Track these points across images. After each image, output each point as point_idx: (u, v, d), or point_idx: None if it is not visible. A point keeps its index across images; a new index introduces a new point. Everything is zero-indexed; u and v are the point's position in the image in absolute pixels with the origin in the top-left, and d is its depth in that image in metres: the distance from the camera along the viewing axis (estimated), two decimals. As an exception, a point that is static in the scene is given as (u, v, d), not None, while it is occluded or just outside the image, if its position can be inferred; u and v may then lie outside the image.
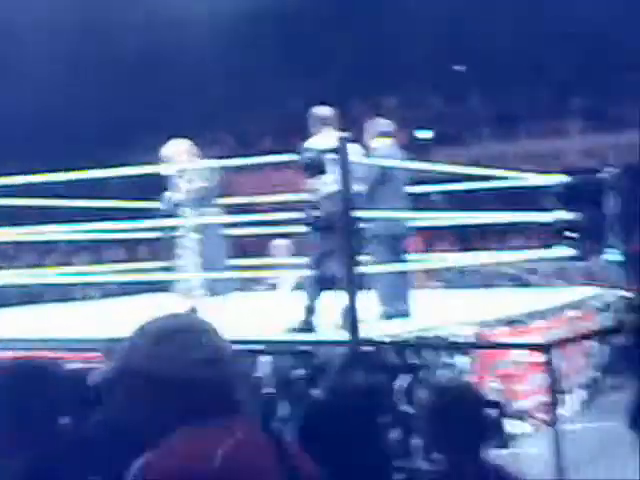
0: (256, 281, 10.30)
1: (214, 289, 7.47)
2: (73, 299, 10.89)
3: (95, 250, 14.96)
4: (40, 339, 6.02)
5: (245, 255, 9.08)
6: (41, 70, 17.34)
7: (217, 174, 7.67)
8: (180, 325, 1.99)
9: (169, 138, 7.77)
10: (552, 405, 4.73)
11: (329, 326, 6.26)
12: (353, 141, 6.28)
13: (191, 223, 7.40)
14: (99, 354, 5.03)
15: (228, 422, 1.88)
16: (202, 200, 7.47)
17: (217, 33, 17.62)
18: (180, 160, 7.59)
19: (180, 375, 1.88)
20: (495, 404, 3.14)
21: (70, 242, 13.38)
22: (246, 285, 9.60)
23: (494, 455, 3.13)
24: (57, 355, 5.08)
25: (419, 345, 5.94)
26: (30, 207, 8.39)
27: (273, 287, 10.35)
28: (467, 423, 3.01)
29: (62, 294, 11.36)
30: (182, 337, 1.94)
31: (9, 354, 4.89)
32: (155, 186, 8.08)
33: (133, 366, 1.91)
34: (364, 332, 5.63)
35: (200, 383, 1.89)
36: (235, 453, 1.81)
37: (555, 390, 4.75)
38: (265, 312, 7.77)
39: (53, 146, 17.75)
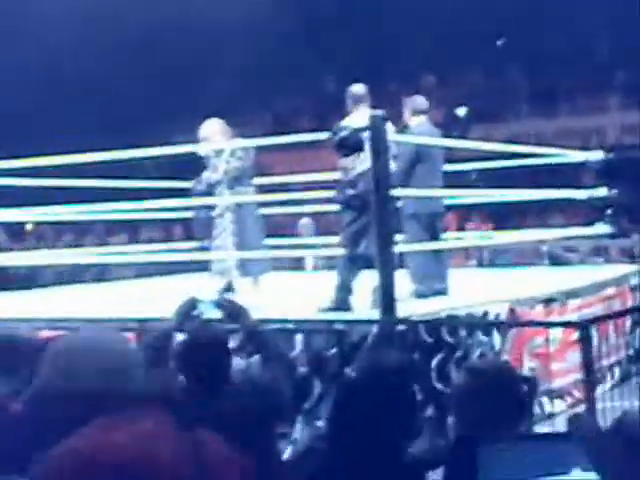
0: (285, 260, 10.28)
1: (250, 269, 7.50)
2: (109, 279, 10.98)
3: (132, 230, 15.06)
4: (74, 319, 6.08)
5: (281, 235, 9.09)
6: (81, 46, 17.46)
7: (252, 153, 7.67)
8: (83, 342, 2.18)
9: (206, 118, 7.79)
10: (588, 383, 4.69)
11: (364, 305, 6.25)
12: (387, 119, 6.24)
13: (227, 203, 7.42)
14: (134, 333, 5.07)
15: (136, 413, 1.98)
16: (238, 180, 7.48)
17: (253, 13, 17.58)
18: (216, 140, 7.61)
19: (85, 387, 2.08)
20: (529, 382, 3.10)
21: (107, 222, 13.49)
22: (281, 264, 9.60)
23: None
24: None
25: (454, 323, 5.92)
26: (66, 188, 8.44)
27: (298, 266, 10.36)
28: (500, 401, 2.99)
29: (99, 274, 11.48)
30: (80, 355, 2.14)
31: (45, 333, 4.95)
32: (192, 166, 8.11)
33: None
34: (399, 311, 5.62)
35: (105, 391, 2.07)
36: (139, 442, 1.89)
37: (591, 368, 4.71)
38: (299, 291, 7.78)
39: (88, 125, 17.86)
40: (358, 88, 6.77)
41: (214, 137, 7.62)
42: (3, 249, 12.62)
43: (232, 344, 4.17)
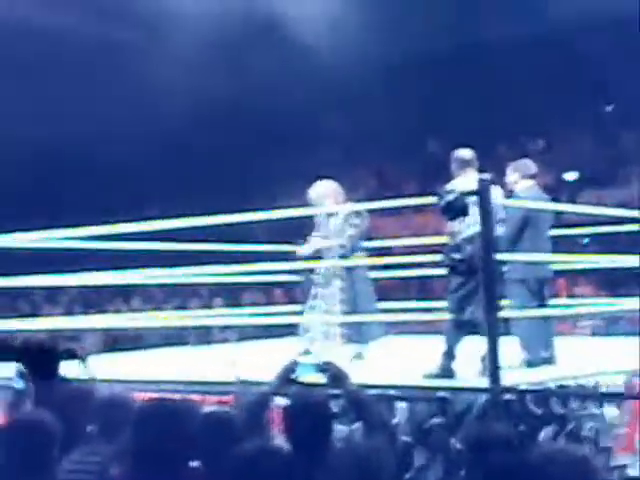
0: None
1: (363, 335, 7.44)
2: (211, 342, 11.04)
3: (234, 293, 15.16)
4: (174, 381, 6.09)
5: (388, 299, 8.99)
6: (182, 117, 17.93)
7: (365, 217, 7.65)
8: None
9: (311, 181, 7.81)
10: None
11: (469, 372, 6.09)
12: (494, 183, 6.15)
13: (336, 268, 7.39)
14: (231, 397, 5.04)
15: None
16: (350, 246, 7.46)
17: (362, 76, 17.79)
18: (327, 202, 7.60)
19: None
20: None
21: (209, 286, 13.65)
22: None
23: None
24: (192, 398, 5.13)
25: (564, 394, 5.69)
26: (174, 251, 8.56)
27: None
28: None
29: (202, 337, 11.54)
30: None
31: (149, 395, 4.96)
32: (295, 230, 8.13)
33: None
34: (505, 379, 5.44)
35: None
36: None
37: None
38: (399, 356, 7.65)
39: (196, 192, 18.25)
40: (464, 152, 6.71)
41: (326, 199, 7.63)
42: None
43: (334, 409, 4.09)
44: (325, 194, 7.65)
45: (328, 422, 3.59)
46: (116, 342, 11.81)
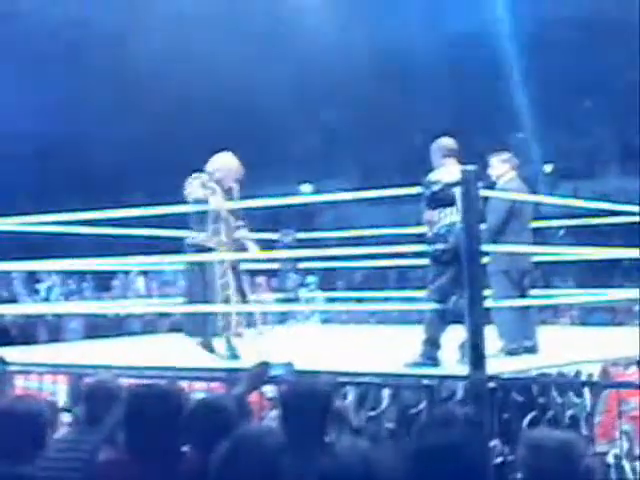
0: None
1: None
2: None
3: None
4: (163, 368, 6.13)
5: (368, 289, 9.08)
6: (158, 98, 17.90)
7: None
8: None
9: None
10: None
11: (452, 360, 6.17)
12: (477, 174, 6.21)
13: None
14: (220, 384, 5.09)
15: None
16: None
17: (347, 66, 17.85)
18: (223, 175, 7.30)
19: None
20: (596, 457, 3.01)
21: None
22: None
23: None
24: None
25: (544, 382, 5.78)
26: (156, 237, 8.54)
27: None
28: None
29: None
30: None
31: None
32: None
33: None
34: (487, 368, 5.52)
35: None
36: None
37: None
38: (379, 346, 7.73)
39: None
40: (447, 142, 6.74)
41: (224, 172, 7.23)
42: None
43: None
44: (223, 168, 7.27)
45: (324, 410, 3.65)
46: (95, 330, 11.81)
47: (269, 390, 4.86)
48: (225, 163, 7.29)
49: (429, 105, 19.48)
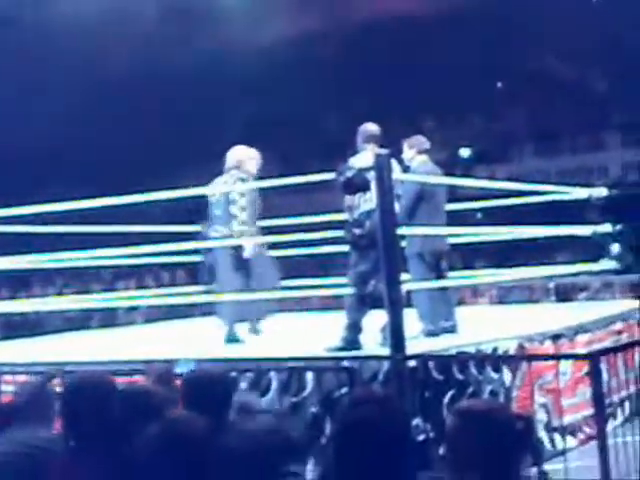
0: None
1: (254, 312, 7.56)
2: (117, 325, 10.97)
3: (138, 276, 15.07)
4: (81, 362, 6.08)
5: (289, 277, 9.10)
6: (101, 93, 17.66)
7: (257, 195, 7.70)
8: None
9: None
10: (597, 418, 4.68)
11: (374, 343, 6.26)
12: (394, 158, 6.29)
13: (235, 245, 7.43)
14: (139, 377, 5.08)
15: None
16: (246, 223, 7.48)
17: (265, 55, 17.85)
18: (247, 166, 7.61)
19: None
20: (524, 420, 3.08)
21: (113, 268, 13.55)
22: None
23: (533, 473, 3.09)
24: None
25: (462, 360, 5.91)
26: (73, 234, 8.47)
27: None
28: (494, 442, 2.96)
29: (106, 320, 11.46)
30: None
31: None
32: (197, 211, 8.15)
33: None
34: (408, 348, 5.62)
35: None
36: None
37: (601, 402, 4.70)
38: (302, 332, 7.80)
39: (95, 172, 18.02)
40: (370, 127, 6.80)
41: (245, 163, 7.63)
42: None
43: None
44: (245, 158, 7.65)
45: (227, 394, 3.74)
46: (14, 328, 11.63)
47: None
48: (247, 154, 7.69)
49: (348, 92, 19.58)
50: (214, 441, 3.17)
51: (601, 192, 9.06)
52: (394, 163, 6.41)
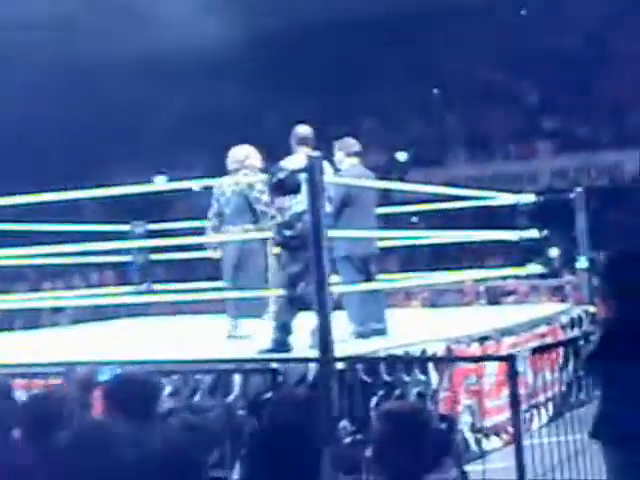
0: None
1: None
2: (42, 326, 10.77)
3: (65, 276, 14.85)
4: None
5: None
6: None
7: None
8: None
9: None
10: (514, 418, 4.78)
11: (304, 346, 6.27)
12: (327, 160, 6.31)
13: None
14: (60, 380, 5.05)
15: None
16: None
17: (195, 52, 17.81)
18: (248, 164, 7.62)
19: None
20: (446, 420, 3.14)
21: (39, 267, 13.28)
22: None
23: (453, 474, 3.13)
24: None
25: (390, 362, 5.96)
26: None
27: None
28: (417, 442, 3.00)
29: (31, 321, 11.19)
30: None
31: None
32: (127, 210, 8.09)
33: None
34: (337, 351, 5.65)
35: None
36: None
37: (516, 403, 4.79)
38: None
39: (24, 169, 17.77)
40: (303, 129, 6.83)
41: (247, 161, 7.63)
42: None
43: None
44: (246, 157, 7.66)
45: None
46: None
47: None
48: (251, 153, 7.75)
49: (287, 93, 19.57)
50: (133, 445, 3.16)
51: (529, 198, 9.23)
52: (326, 165, 6.45)
